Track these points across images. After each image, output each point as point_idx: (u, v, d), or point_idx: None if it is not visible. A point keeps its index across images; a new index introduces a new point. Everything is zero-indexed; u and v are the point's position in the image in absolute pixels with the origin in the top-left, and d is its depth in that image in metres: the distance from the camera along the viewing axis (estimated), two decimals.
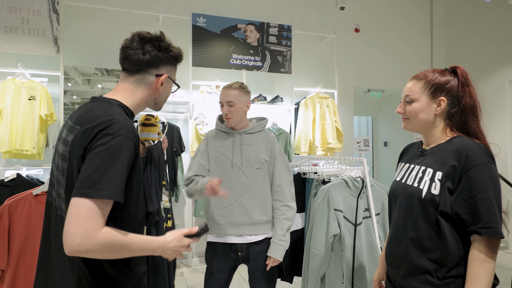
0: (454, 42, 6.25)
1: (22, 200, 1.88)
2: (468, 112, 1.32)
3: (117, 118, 1.08)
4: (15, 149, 3.59)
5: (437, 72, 1.37)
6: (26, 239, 1.88)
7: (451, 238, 1.24)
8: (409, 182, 1.37)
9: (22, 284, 1.86)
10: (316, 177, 2.62)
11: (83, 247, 0.95)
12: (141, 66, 1.24)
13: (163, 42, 1.27)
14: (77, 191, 0.97)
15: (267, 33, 4.81)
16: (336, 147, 4.92)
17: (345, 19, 5.68)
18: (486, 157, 1.22)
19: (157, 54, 1.25)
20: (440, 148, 1.33)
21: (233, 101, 2.05)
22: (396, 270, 1.38)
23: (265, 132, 2.17)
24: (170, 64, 1.31)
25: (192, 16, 4.43)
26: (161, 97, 1.33)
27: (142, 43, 1.24)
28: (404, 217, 1.36)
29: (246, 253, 2.05)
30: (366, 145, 2.58)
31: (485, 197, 1.17)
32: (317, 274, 2.30)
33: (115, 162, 1.02)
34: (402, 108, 1.41)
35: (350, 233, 2.34)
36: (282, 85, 5.26)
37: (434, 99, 1.34)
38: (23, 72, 3.72)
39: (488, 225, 1.16)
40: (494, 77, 5.53)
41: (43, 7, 3.83)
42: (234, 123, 2.09)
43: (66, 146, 1.10)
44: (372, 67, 5.84)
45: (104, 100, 1.19)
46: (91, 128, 1.05)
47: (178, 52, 1.32)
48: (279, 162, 2.12)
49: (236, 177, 2.05)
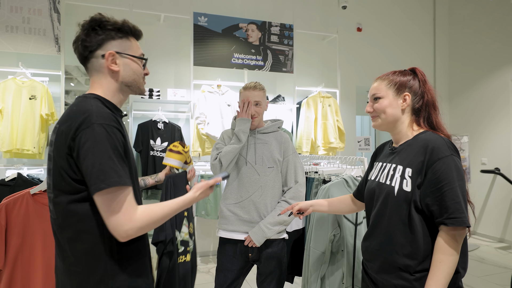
0: (457, 41, 6.22)
1: (20, 199, 1.87)
2: (430, 106, 1.42)
3: (89, 109, 1.08)
4: (16, 149, 3.59)
5: (398, 72, 1.47)
6: (23, 238, 1.86)
7: (421, 232, 1.29)
8: (382, 180, 1.43)
9: (19, 283, 1.84)
10: (316, 177, 2.60)
11: (132, 231, 1.05)
12: (85, 54, 1.19)
13: (95, 21, 1.18)
14: (92, 189, 1.03)
15: (268, 32, 4.79)
16: (338, 146, 4.90)
17: (347, 18, 5.65)
18: (449, 150, 1.27)
19: (91, 34, 1.17)
20: (408, 145, 1.39)
21: (260, 101, 2.11)
22: (371, 264, 1.44)
23: (279, 133, 2.20)
24: (114, 39, 1.20)
25: (193, 15, 4.42)
26: (126, 77, 1.22)
27: (80, 33, 1.19)
28: (378, 214, 1.41)
29: (256, 254, 2.06)
30: (367, 144, 2.56)
31: (450, 188, 1.22)
32: (317, 274, 2.28)
33: (105, 150, 1.03)
34: (371, 107, 1.49)
35: (351, 232, 2.31)
36: (284, 84, 5.24)
37: (399, 95, 1.43)
38: (24, 71, 3.72)
39: (453, 215, 1.21)
40: (497, 76, 5.50)
41: (44, 6, 3.84)
42: (257, 123, 2.14)
43: (51, 146, 1.13)
44: (375, 66, 5.81)
45: (81, 96, 1.19)
46: (68, 125, 1.06)
47: (116, 22, 1.21)
48: (293, 163, 2.14)
49: (248, 174, 2.08)
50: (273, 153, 2.11)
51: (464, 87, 5.99)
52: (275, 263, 2.07)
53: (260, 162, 2.09)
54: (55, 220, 1.14)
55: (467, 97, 5.93)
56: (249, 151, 2.12)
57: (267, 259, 2.06)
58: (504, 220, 5.32)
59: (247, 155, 2.11)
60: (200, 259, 4.65)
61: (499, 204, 5.37)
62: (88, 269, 1.09)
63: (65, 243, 1.11)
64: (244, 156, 2.11)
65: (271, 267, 2.06)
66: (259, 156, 2.10)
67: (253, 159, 2.10)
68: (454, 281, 1.27)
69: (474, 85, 5.87)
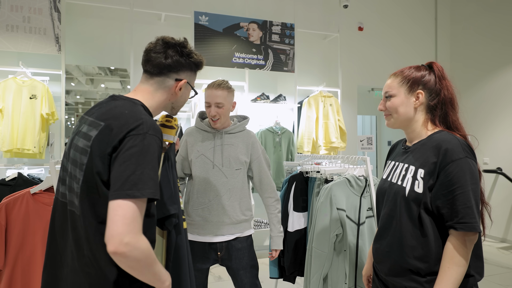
0: (459, 41, 6.20)
1: (20, 199, 1.86)
2: (447, 104, 1.36)
3: (144, 118, 1.10)
4: (16, 148, 3.57)
5: (413, 68, 1.42)
6: (23, 238, 1.85)
7: (432, 235, 1.26)
8: (394, 180, 1.40)
9: (20, 283, 1.83)
10: (318, 176, 2.58)
11: (128, 248, 0.95)
12: (162, 69, 1.27)
13: (186, 48, 1.31)
14: (119, 193, 0.98)
15: (270, 32, 4.77)
16: (340, 146, 4.88)
17: (349, 18, 5.63)
18: (464, 152, 1.23)
19: (178, 59, 1.28)
20: (421, 144, 1.35)
21: (222, 103, 2.01)
22: (381, 266, 1.41)
23: (246, 132, 2.17)
24: (190, 70, 1.34)
25: (194, 15, 4.41)
26: (178, 102, 1.36)
27: (165, 48, 1.28)
28: (389, 215, 1.38)
29: (226, 252, 2.06)
30: (369, 143, 2.54)
31: (462, 192, 1.18)
32: (319, 274, 2.26)
33: (150, 161, 1.04)
34: (383, 105, 1.45)
35: (353, 232, 2.30)
36: (285, 83, 5.22)
37: (412, 93, 1.38)
38: (24, 70, 3.71)
39: (463, 220, 1.17)
40: (499, 76, 5.48)
41: (44, 5, 3.82)
42: (220, 125, 2.07)
43: (88, 141, 1.10)
44: (376, 66, 5.79)
45: (127, 99, 1.21)
46: (119, 127, 1.06)
47: (199, 59, 1.36)
48: (262, 162, 2.17)
49: (216, 177, 2.04)
50: (240, 155, 2.08)
51: (466, 87, 5.96)
52: (247, 257, 2.09)
53: (227, 164, 2.05)
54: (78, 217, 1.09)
55: (469, 97, 5.91)
56: (216, 153, 2.06)
57: (237, 255, 2.07)
58: (507, 220, 5.30)
59: (214, 158, 2.05)
60: None
61: (501, 204, 5.35)
62: (101, 272, 1.07)
63: (84, 242, 1.09)
64: (211, 159, 2.05)
65: (244, 262, 2.07)
66: (226, 159, 2.06)
67: (220, 161, 2.05)
68: (465, 285, 1.24)
69: (475, 85, 5.85)
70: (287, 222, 2.66)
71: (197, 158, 2.06)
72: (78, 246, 1.10)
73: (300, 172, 2.74)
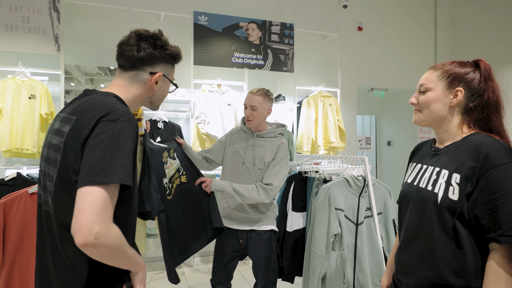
0: (458, 41, 6.19)
1: (18, 199, 1.86)
2: (491, 107, 1.22)
3: (115, 106, 1.05)
4: (15, 148, 3.58)
5: (456, 63, 1.28)
6: (21, 238, 1.85)
7: (469, 247, 1.11)
8: (422, 185, 1.25)
9: (18, 283, 1.83)
10: (317, 176, 2.58)
11: (99, 238, 0.88)
12: (135, 62, 1.22)
13: (160, 40, 1.25)
14: (86, 179, 0.91)
15: (269, 32, 4.77)
16: (339, 146, 4.88)
17: (348, 18, 5.63)
18: (508, 156, 1.08)
19: (152, 51, 1.23)
20: (456, 146, 1.20)
21: (256, 106, 2.27)
22: (406, 279, 1.27)
23: (277, 138, 2.35)
24: (167, 63, 1.29)
25: (193, 14, 4.40)
26: (156, 96, 1.31)
27: (138, 40, 1.22)
28: (417, 223, 1.23)
29: (246, 241, 2.30)
30: (368, 143, 2.54)
31: (507, 201, 1.03)
32: (318, 274, 2.26)
33: (121, 147, 0.98)
34: (416, 98, 1.30)
35: (352, 232, 2.30)
36: (284, 83, 5.23)
37: (450, 89, 1.23)
38: (23, 70, 3.71)
39: (508, 233, 1.02)
40: (499, 76, 5.37)
41: (43, 5, 3.82)
42: (253, 126, 2.31)
43: (61, 137, 1.05)
44: (375, 65, 5.79)
45: (100, 92, 1.16)
46: (90, 117, 1.01)
47: (176, 51, 1.30)
48: (280, 162, 2.26)
49: (242, 173, 2.28)
50: (265, 156, 2.27)
51: None
52: (263, 250, 2.27)
53: (254, 163, 2.28)
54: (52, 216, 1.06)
55: None
56: (247, 152, 2.31)
57: (253, 245, 2.28)
58: None
59: (245, 156, 2.30)
60: (200, 259, 4.63)
61: None
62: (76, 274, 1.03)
63: (59, 243, 1.04)
64: (242, 156, 2.31)
65: (259, 253, 2.27)
66: (254, 158, 2.28)
67: (249, 160, 2.29)
68: None
69: None
70: (286, 222, 2.66)
71: (233, 154, 2.35)
72: (53, 248, 1.06)
73: (299, 172, 2.74)
